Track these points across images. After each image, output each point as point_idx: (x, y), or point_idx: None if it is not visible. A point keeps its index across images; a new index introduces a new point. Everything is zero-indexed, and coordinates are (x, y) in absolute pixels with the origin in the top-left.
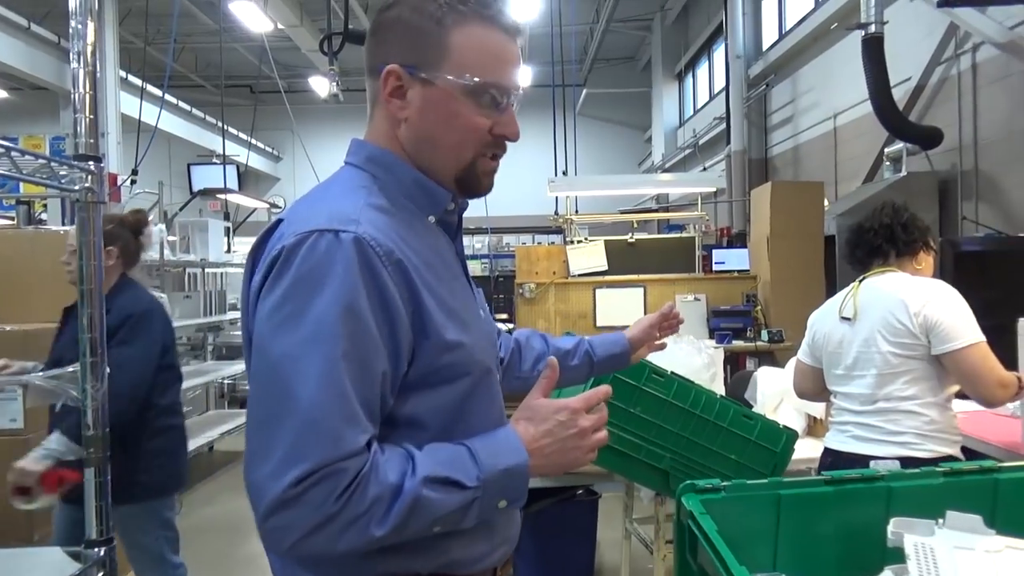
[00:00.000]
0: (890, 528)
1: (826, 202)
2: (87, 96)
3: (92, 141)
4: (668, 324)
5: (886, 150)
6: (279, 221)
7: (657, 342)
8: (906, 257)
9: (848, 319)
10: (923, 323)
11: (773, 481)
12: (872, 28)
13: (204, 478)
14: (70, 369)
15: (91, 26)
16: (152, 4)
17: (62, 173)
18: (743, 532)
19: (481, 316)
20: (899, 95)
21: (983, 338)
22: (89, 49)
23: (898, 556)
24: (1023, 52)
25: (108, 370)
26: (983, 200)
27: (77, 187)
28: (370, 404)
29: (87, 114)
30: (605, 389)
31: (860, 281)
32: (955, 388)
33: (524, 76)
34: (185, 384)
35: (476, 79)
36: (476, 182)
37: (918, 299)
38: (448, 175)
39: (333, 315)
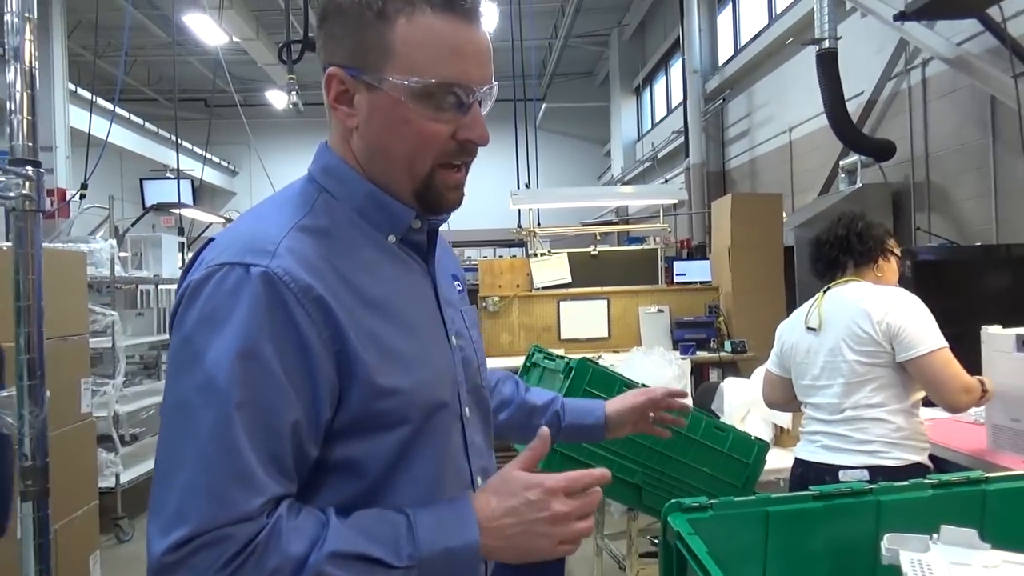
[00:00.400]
0: (884, 544)
1: (784, 214)
2: (24, 95)
3: (31, 145)
4: (668, 405)
5: (841, 162)
6: (209, 242)
7: (652, 425)
8: (865, 266)
9: (814, 329)
10: (886, 331)
11: (761, 498)
12: (826, 43)
13: None
14: (4, 393)
15: (28, 24)
16: (102, 16)
17: None
18: (731, 551)
19: (449, 345)
20: (853, 108)
21: (946, 344)
22: (27, 46)
23: (892, 572)
24: (969, 67)
25: None
26: (935, 211)
27: (13, 194)
28: (277, 458)
29: (24, 115)
30: (600, 473)
31: (824, 291)
32: (921, 395)
33: (491, 71)
34: (138, 404)
35: (430, 79)
36: (438, 198)
37: (880, 307)
38: (405, 190)
39: (229, 361)
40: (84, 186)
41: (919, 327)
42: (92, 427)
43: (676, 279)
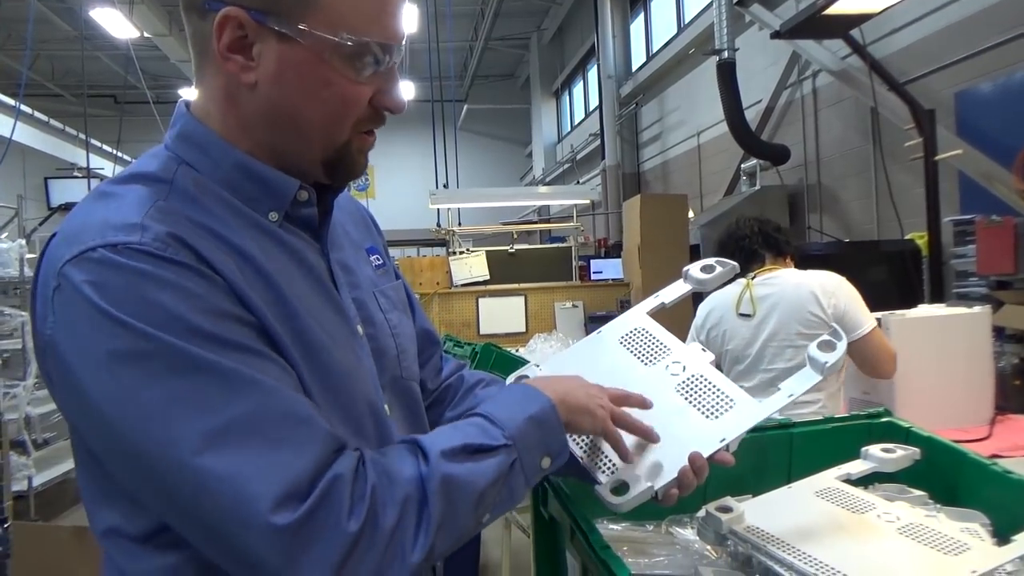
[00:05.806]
0: None
1: (692, 213)
2: None
3: None
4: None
5: (742, 166)
6: (48, 243)
7: None
8: (780, 258)
9: (747, 315)
10: (834, 313)
11: None
12: (725, 55)
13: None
14: None
15: None
16: (2, 8)
17: None
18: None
19: (353, 335)
20: (752, 115)
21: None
22: None
23: None
24: (852, 79)
25: None
26: (826, 211)
27: None
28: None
29: None
30: (639, 399)
31: (751, 278)
32: (843, 376)
33: (407, 26)
34: (50, 407)
35: (362, 37)
36: (351, 164)
37: (826, 290)
38: (314, 158)
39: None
40: None
41: (859, 307)
42: (2, 429)
43: (593, 276)
